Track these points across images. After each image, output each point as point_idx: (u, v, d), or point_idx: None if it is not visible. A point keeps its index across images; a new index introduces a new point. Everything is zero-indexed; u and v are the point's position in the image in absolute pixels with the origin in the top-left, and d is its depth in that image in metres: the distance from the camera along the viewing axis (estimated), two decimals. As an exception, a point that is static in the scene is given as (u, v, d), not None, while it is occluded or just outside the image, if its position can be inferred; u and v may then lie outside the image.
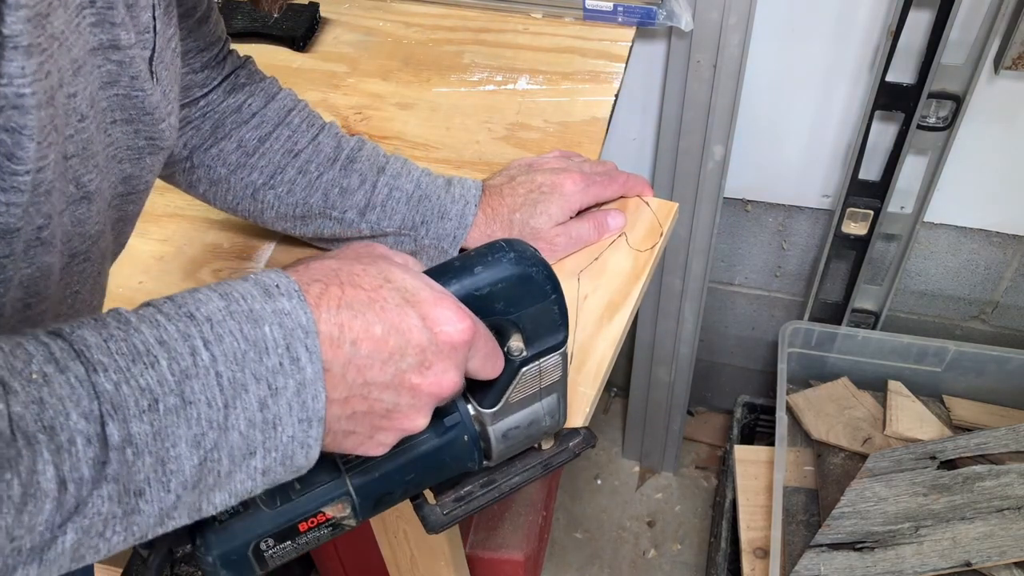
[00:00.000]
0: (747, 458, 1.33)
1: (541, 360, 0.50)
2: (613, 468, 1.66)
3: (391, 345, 0.42)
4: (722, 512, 1.33)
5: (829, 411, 1.27)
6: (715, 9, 0.95)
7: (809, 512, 1.18)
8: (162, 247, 0.76)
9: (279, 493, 0.47)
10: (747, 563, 1.20)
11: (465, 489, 0.55)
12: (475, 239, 0.68)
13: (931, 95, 1.00)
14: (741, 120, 1.09)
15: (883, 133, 1.08)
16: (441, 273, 0.47)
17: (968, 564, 1.04)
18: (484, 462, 0.52)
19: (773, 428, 1.24)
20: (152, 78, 0.47)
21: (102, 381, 0.35)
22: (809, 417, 1.27)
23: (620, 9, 0.94)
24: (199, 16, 0.62)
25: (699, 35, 0.98)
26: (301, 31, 0.95)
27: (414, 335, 0.42)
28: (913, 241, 1.18)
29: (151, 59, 0.47)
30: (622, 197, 0.75)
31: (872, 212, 1.15)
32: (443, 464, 0.51)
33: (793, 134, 1.13)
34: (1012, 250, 1.20)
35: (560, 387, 0.52)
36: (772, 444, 1.26)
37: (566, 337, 0.51)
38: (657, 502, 1.61)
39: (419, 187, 0.68)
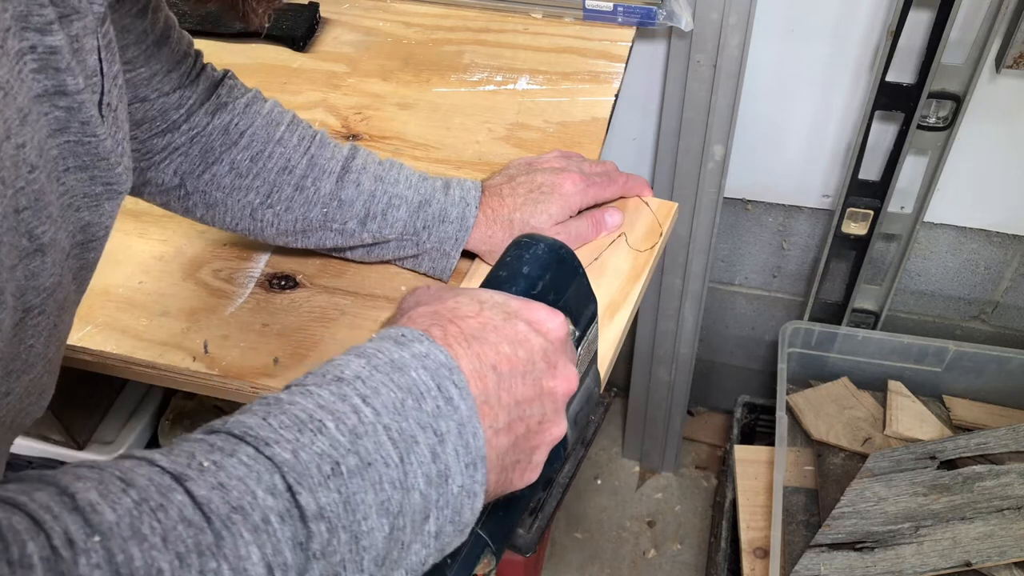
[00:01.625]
0: (747, 458, 1.33)
1: (587, 334, 0.51)
2: (613, 468, 1.66)
3: (521, 358, 0.43)
4: (722, 512, 1.33)
5: (829, 411, 1.27)
6: (715, 9, 0.95)
7: (809, 512, 1.18)
8: (162, 247, 0.76)
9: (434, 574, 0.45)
10: (747, 563, 1.20)
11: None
12: (476, 240, 0.68)
13: (931, 95, 1.00)
14: (741, 120, 1.09)
15: (883, 133, 1.08)
16: (497, 286, 0.48)
17: (968, 564, 1.04)
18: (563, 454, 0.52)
19: (773, 428, 1.24)
20: (103, 122, 0.44)
21: (278, 452, 0.35)
22: (809, 417, 1.27)
23: (620, 9, 0.94)
24: (155, 38, 0.59)
25: (699, 35, 0.98)
26: (301, 31, 0.95)
27: (532, 342, 0.44)
28: (913, 241, 1.18)
29: (100, 102, 0.44)
30: (622, 197, 0.75)
31: (872, 212, 1.15)
32: (545, 473, 0.50)
33: (793, 134, 1.13)
34: (1012, 250, 1.20)
35: (596, 355, 0.54)
36: (772, 444, 1.26)
37: (596, 304, 0.53)
38: (657, 502, 1.61)
39: (418, 192, 0.68)
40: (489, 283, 0.49)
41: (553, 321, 0.46)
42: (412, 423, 0.38)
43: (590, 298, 0.53)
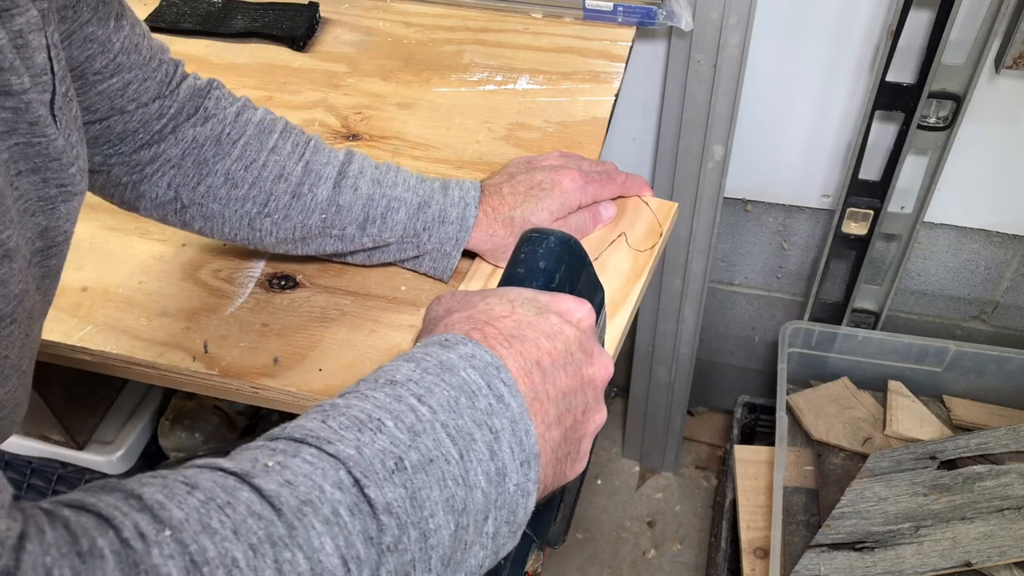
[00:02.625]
0: (747, 458, 1.33)
1: (597, 322, 0.52)
2: (613, 468, 1.66)
3: (560, 350, 0.44)
4: (722, 512, 1.33)
5: (829, 411, 1.27)
6: (715, 9, 0.95)
7: (809, 512, 1.18)
8: (162, 247, 0.76)
9: None
10: (747, 563, 1.20)
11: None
12: (477, 239, 0.68)
13: (931, 95, 1.00)
14: (741, 120, 1.09)
15: (883, 133, 1.08)
16: (518, 283, 0.49)
17: (968, 564, 1.03)
18: None
19: (773, 428, 1.24)
20: (55, 122, 0.43)
21: (341, 449, 0.35)
22: (809, 417, 1.27)
23: (620, 9, 0.94)
24: (122, 46, 0.57)
25: (699, 35, 0.98)
26: (301, 31, 0.95)
27: (566, 333, 0.45)
28: (913, 241, 1.18)
29: (52, 102, 0.43)
30: (621, 197, 0.75)
31: (872, 212, 1.15)
32: None
33: (793, 134, 1.13)
34: (1012, 250, 1.20)
35: (603, 343, 0.56)
36: (772, 444, 1.26)
37: (604, 291, 0.55)
38: (657, 502, 1.61)
39: (417, 194, 0.67)
40: (508, 281, 0.50)
41: (581, 310, 0.47)
42: (468, 420, 0.38)
43: (598, 286, 0.54)
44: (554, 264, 0.51)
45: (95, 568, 0.28)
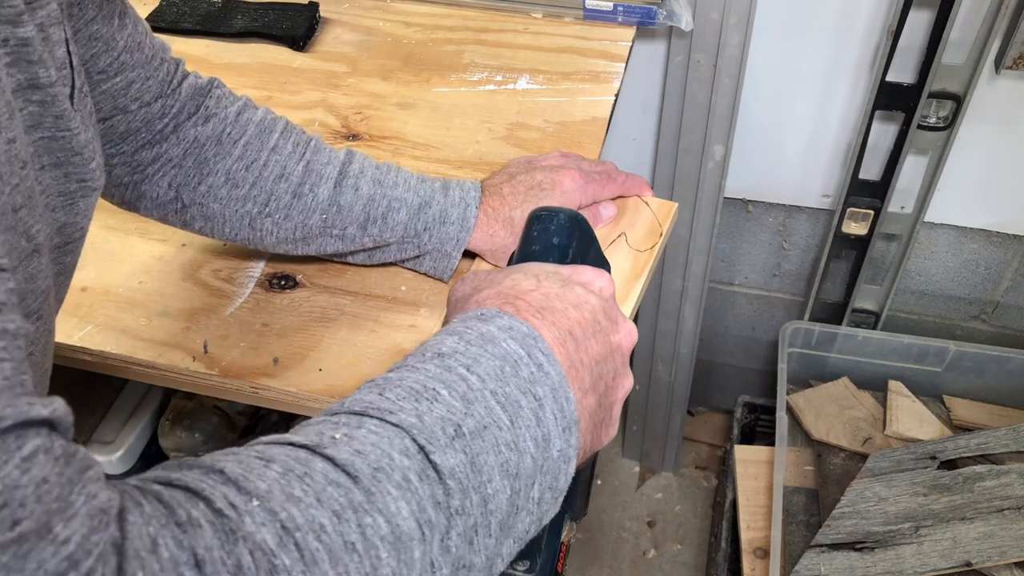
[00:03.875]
0: (747, 458, 1.33)
1: None
2: (613, 468, 1.66)
3: (588, 319, 0.45)
4: (722, 512, 1.33)
5: (829, 411, 1.27)
6: (715, 9, 0.95)
7: (809, 512, 1.18)
8: (162, 247, 0.76)
9: (531, 550, 0.47)
10: (747, 563, 1.20)
11: None
12: (478, 239, 0.68)
13: (931, 95, 1.00)
14: (741, 120, 1.09)
15: (883, 133, 1.08)
16: (534, 260, 0.51)
17: (968, 564, 1.03)
18: None
19: (773, 428, 1.24)
20: (76, 115, 0.43)
21: (403, 418, 0.36)
22: (809, 417, 1.27)
23: (620, 9, 0.94)
24: (126, 45, 0.57)
25: (699, 35, 0.98)
26: (301, 31, 0.95)
27: (591, 302, 0.46)
28: (913, 241, 1.18)
29: (72, 96, 0.43)
30: (621, 197, 0.75)
31: (872, 212, 1.15)
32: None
33: (793, 134, 1.13)
34: (1012, 250, 1.20)
35: None
36: (772, 444, 1.26)
37: (610, 267, 0.56)
38: (657, 502, 1.61)
39: (417, 194, 0.67)
40: (524, 259, 0.52)
41: (601, 279, 0.49)
42: (514, 388, 0.40)
43: (605, 262, 0.56)
44: (566, 240, 0.52)
45: (195, 536, 0.29)
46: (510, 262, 0.51)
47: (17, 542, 0.24)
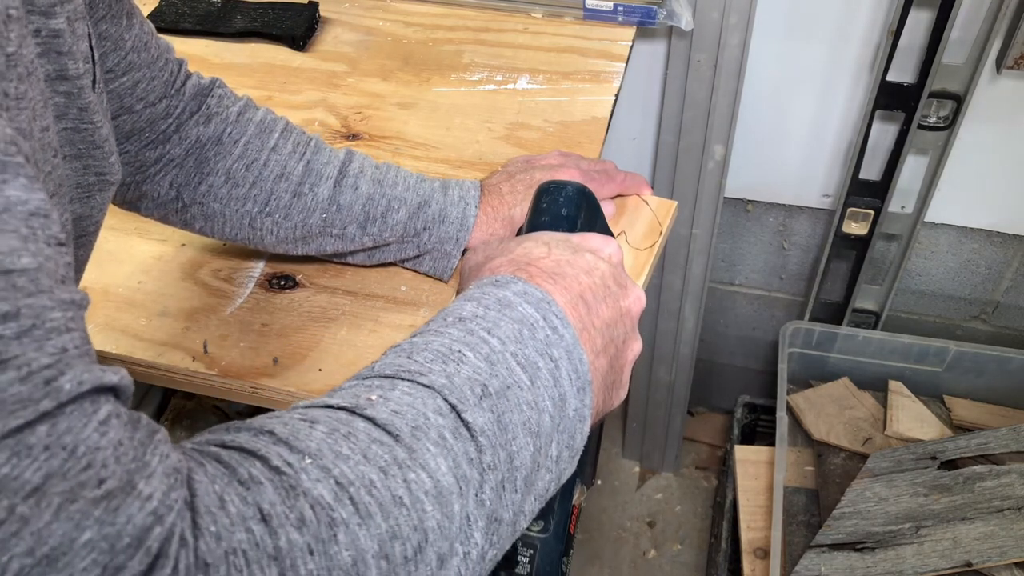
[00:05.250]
0: (747, 458, 1.33)
1: None
2: (613, 468, 1.66)
3: (598, 284, 0.47)
4: (722, 512, 1.33)
5: (830, 411, 1.27)
6: (715, 9, 0.95)
7: (809, 512, 1.18)
8: (161, 247, 0.76)
9: (544, 512, 0.48)
10: (747, 563, 1.20)
11: None
12: (477, 238, 0.68)
13: (932, 95, 1.00)
14: (741, 120, 1.09)
15: (884, 133, 1.08)
16: (544, 230, 0.52)
17: (969, 564, 1.03)
18: None
19: (773, 428, 1.24)
20: (99, 109, 0.44)
21: (434, 379, 0.38)
22: (810, 417, 1.27)
23: (620, 9, 0.94)
24: (133, 44, 0.57)
25: (699, 35, 0.98)
26: (301, 30, 0.95)
27: (601, 268, 0.48)
28: (914, 241, 1.18)
29: (93, 89, 0.44)
30: (620, 196, 0.75)
31: (873, 212, 1.15)
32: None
33: (794, 134, 1.13)
34: (1013, 250, 1.20)
35: None
36: (772, 444, 1.26)
37: (615, 239, 0.57)
38: (657, 502, 1.61)
39: (417, 194, 0.67)
40: (534, 229, 0.53)
41: (609, 246, 0.50)
42: (531, 351, 0.41)
43: (611, 235, 0.56)
44: (575, 211, 0.53)
45: (258, 493, 0.31)
46: (518, 235, 0.53)
47: (106, 498, 0.26)
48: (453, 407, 0.37)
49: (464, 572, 0.35)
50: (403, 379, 0.38)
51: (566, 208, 0.54)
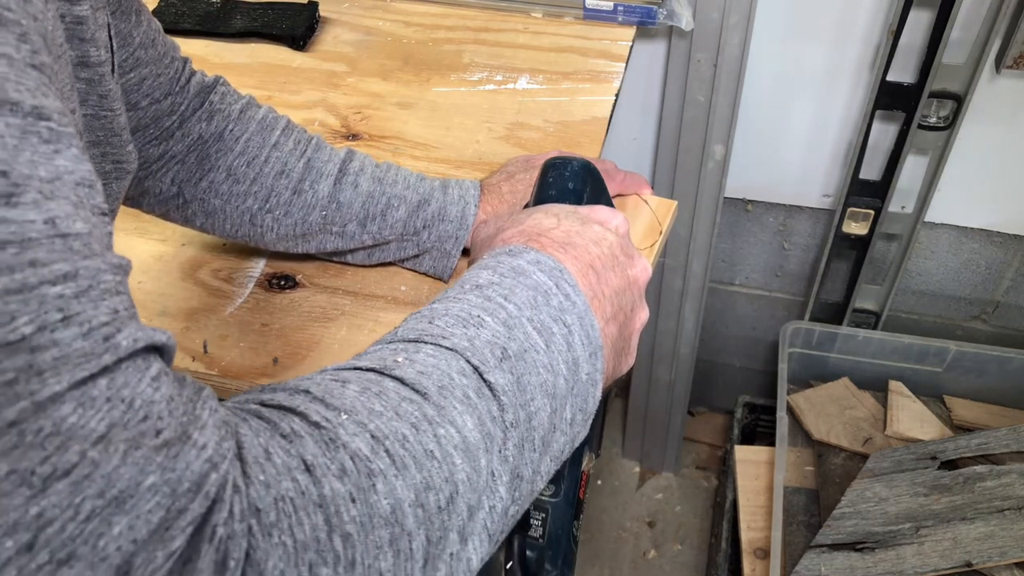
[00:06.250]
0: (747, 458, 1.33)
1: None
2: (613, 468, 1.66)
3: (607, 254, 0.48)
4: (722, 512, 1.33)
5: (830, 411, 1.27)
6: (716, 8, 0.95)
7: (810, 512, 1.18)
8: (161, 247, 0.76)
9: (555, 477, 0.50)
10: (747, 563, 1.20)
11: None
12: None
13: (932, 95, 1.00)
14: (742, 120, 1.09)
15: (884, 133, 1.08)
16: (553, 203, 0.54)
17: (969, 564, 1.03)
18: None
19: (774, 428, 1.24)
20: (118, 97, 0.45)
21: (456, 340, 0.39)
22: (810, 417, 1.26)
23: (620, 8, 0.93)
24: (141, 41, 0.58)
25: (700, 34, 0.98)
26: (300, 30, 0.95)
27: (609, 239, 0.49)
28: (914, 241, 1.18)
29: (112, 76, 0.45)
30: (620, 195, 0.75)
31: (873, 212, 1.15)
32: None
33: (794, 134, 1.13)
34: (1013, 250, 1.19)
35: None
36: (773, 444, 1.26)
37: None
38: (657, 502, 1.61)
39: (417, 192, 0.67)
40: (541, 203, 0.54)
41: (616, 218, 0.52)
42: (546, 316, 0.42)
43: (613, 206, 0.57)
44: (581, 185, 0.55)
45: (300, 445, 0.32)
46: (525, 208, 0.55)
47: (166, 446, 0.28)
48: (475, 368, 0.38)
49: (490, 525, 0.37)
50: (426, 343, 0.39)
51: (572, 182, 0.55)
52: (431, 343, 0.39)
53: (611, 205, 0.58)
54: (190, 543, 0.28)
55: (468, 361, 0.39)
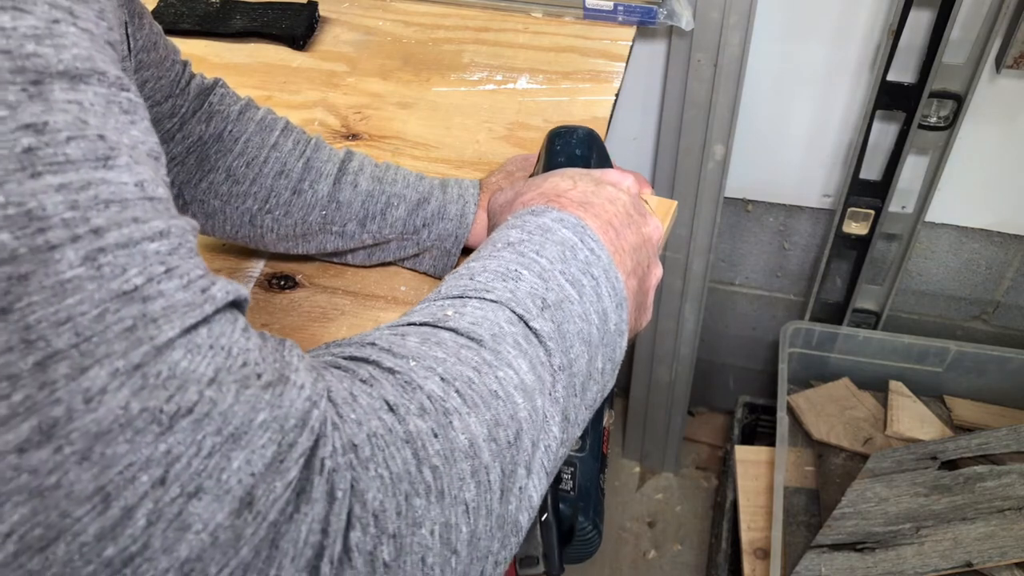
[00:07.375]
0: (748, 458, 1.33)
1: None
2: (613, 468, 1.66)
3: (622, 212, 0.50)
4: (723, 512, 1.33)
5: (830, 411, 1.27)
6: (716, 8, 0.95)
7: (810, 512, 1.18)
8: (161, 247, 0.76)
9: (582, 435, 0.52)
10: (748, 564, 1.20)
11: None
12: (477, 236, 0.68)
13: (932, 94, 1.00)
14: (742, 120, 1.09)
15: (884, 132, 1.08)
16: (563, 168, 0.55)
17: (969, 564, 1.03)
18: None
19: (774, 428, 1.23)
20: (133, 91, 0.45)
21: (499, 293, 0.42)
22: (810, 417, 1.26)
23: (620, 8, 0.93)
24: (143, 44, 0.58)
25: (700, 34, 0.98)
26: (300, 30, 0.95)
27: (622, 199, 0.51)
28: (914, 241, 1.18)
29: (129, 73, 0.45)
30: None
31: (873, 212, 1.14)
32: None
33: (794, 133, 1.13)
34: (1013, 250, 1.19)
35: None
36: (773, 444, 1.26)
37: None
38: (657, 502, 1.61)
39: (416, 191, 0.67)
40: (551, 164, 0.56)
41: (626, 179, 0.54)
42: (575, 270, 0.44)
43: None
44: (586, 151, 0.57)
45: (380, 388, 0.35)
46: (532, 176, 0.57)
47: (270, 386, 0.30)
48: (520, 317, 0.40)
49: (547, 463, 0.39)
50: (471, 297, 0.41)
51: (579, 149, 0.57)
52: (476, 297, 0.41)
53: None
54: (302, 474, 0.29)
55: (513, 311, 0.41)
